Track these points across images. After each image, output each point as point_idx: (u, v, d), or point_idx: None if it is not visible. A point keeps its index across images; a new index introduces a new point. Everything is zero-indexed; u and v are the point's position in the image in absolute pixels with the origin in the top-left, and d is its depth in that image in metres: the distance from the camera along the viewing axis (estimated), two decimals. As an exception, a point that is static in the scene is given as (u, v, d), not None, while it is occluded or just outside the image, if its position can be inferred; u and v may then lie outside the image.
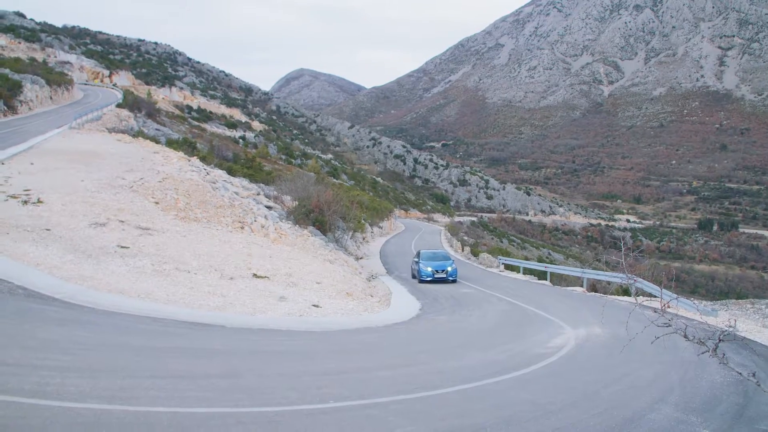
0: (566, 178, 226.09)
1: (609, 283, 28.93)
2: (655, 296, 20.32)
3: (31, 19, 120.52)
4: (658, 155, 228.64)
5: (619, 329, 15.43)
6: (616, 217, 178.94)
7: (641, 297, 19.10)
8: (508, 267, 38.45)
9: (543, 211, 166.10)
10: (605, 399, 9.43)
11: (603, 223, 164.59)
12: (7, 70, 52.32)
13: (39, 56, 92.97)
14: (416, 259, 30.13)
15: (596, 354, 13.33)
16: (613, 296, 25.17)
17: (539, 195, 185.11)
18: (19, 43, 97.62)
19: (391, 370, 10.81)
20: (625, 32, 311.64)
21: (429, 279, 27.75)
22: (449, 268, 28.31)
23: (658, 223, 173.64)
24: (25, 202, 19.06)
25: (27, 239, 15.17)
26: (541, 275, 33.54)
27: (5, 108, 45.16)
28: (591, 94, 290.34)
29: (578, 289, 28.23)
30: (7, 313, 10.19)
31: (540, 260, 57.52)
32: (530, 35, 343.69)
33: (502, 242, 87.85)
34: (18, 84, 50.61)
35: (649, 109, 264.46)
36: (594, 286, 28.74)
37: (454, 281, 28.18)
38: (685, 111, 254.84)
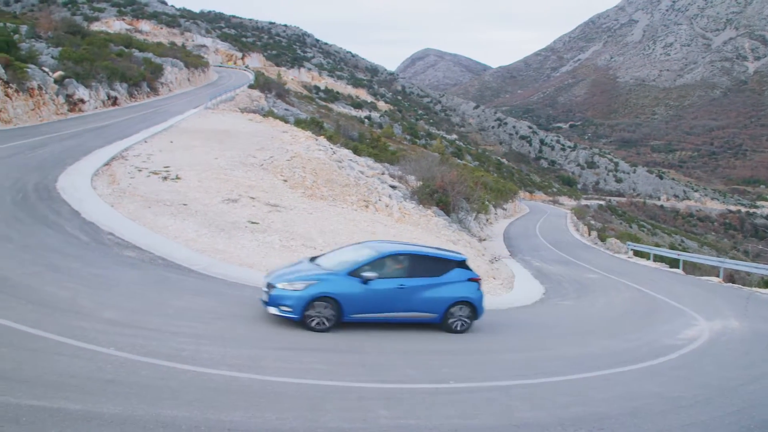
0: (703, 162, 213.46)
1: (749, 274, 27.21)
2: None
3: (172, 6, 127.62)
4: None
5: (761, 324, 14.49)
6: (759, 203, 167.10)
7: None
8: (637, 253, 37.03)
9: (676, 196, 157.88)
10: (742, 397, 8.88)
11: (743, 209, 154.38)
12: (150, 55, 55.85)
13: (178, 40, 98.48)
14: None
15: (733, 349, 12.57)
16: (754, 288, 23.63)
17: (673, 179, 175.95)
18: (161, 28, 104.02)
19: (512, 353, 10.69)
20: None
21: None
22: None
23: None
24: (165, 178, 20.27)
25: (166, 213, 16.13)
26: (673, 263, 31.98)
27: (149, 90, 48.14)
28: (734, 71, 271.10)
29: (713, 278, 26.68)
30: (149, 282, 10.90)
31: (672, 247, 54.88)
32: (667, 10, 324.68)
33: (631, 227, 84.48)
34: (160, 67, 53.89)
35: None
36: (732, 277, 27.09)
37: None
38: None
